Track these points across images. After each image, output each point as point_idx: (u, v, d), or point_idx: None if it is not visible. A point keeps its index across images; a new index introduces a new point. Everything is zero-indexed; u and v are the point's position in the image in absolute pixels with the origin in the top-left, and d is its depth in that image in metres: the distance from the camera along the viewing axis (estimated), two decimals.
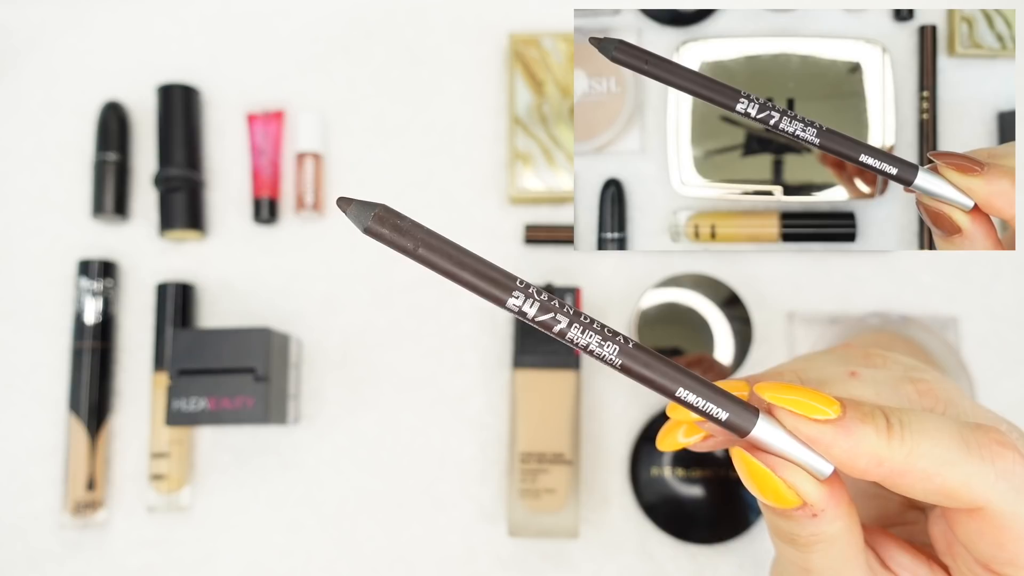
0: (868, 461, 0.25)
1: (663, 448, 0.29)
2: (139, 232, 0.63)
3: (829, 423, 0.25)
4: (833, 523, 0.25)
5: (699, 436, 0.28)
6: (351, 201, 0.23)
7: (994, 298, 0.60)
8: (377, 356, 0.60)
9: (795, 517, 0.25)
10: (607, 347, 0.24)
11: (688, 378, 0.25)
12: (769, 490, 0.25)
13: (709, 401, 0.25)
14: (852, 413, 0.25)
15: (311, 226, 0.62)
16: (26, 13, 0.66)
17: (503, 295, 0.24)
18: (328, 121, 0.63)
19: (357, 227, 0.23)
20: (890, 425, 0.25)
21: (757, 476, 0.25)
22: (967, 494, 0.24)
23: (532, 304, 0.24)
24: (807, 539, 0.26)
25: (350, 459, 0.59)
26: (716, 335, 0.54)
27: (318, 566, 0.58)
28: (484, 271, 0.24)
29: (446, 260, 0.23)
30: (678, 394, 0.25)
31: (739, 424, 0.25)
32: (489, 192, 0.62)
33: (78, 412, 0.58)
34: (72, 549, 0.58)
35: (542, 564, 0.57)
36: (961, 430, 0.25)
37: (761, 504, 0.26)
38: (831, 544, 0.26)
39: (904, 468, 0.24)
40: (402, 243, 0.23)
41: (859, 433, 0.24)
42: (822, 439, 0.25)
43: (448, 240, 0.23)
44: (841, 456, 0.25)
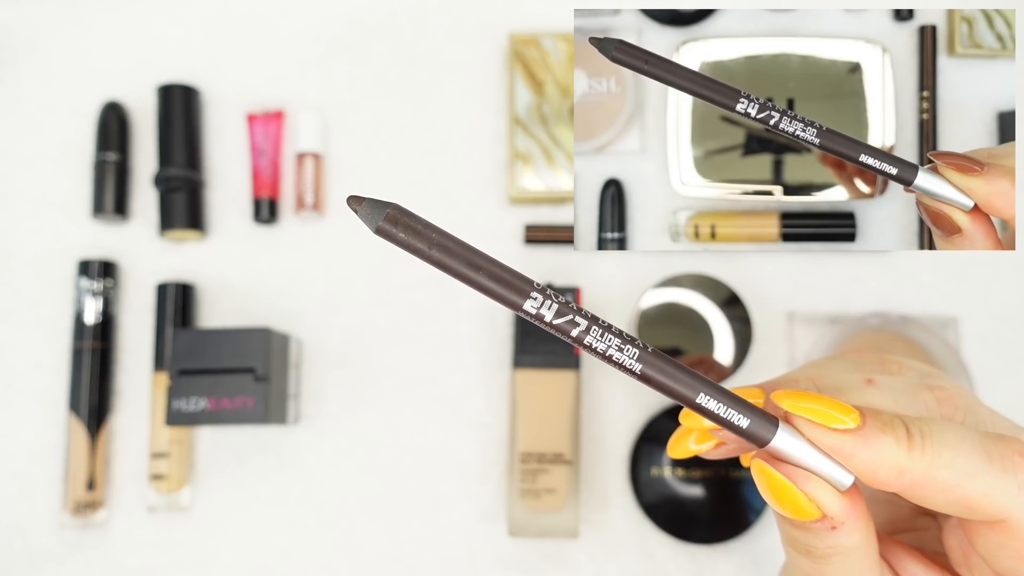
0: (888, 472, 0.24)
1: (675, 456, 0.28)
2: (139, 232, 0.63)
3: (849, 433, 0.24)
4: (851, 536, 0.25)
5: (711, 444, 0.28)
6: (363, 200, 0.22)
7: (994, 298, 0.60)
8: (377, 356, 0.60)
9: (813, 529, 0.25)
10: (627, 352, 0.24)
11: (707, 386, 0.24)
12: (788, 502, 0.25)
13: (731, 408, 0.24)
14: (872, 423, 0.24)
15: (311, 226, 0.62)
16: (26, 13, 0.66)
17: (519, 299, 0.23)
18: (328, 121, 0.63)
19: (368, 227, 0.22)
20: (911, 435, 0.24)
21: (777, 488, 0.25)
22: (989, 506, 0.24)
23: (550, 307, 0.23)
24: (824, 551, 0.25)
25: (350, 459, 0.59)
26: (716, 335, 0.54)
27: (318, 566, 0.58)
28: (500, 274, 0.23)
29: (460, 263, 0.22)
30: (699, 401, 0.24)
31: (759, 434, 0.25)
32: (489, 192, 0.62)
33: (78, 412, 0.58)
34: (72, 549, 0.58)
35: (542, 564, 0.57)
36: (983, 441, 0.24)
37: (777, 515, 0.26)
38: (847, 556, 0.25)
39: (925, 479, 0.24)
40: (415, 244, 0.22)
41: (879, 443, 0.24)
42: (842, 449, 0.24)
43: (463, 242, 0.23)
44: (861, 467, 0.24)
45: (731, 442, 0.27)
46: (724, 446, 0.28)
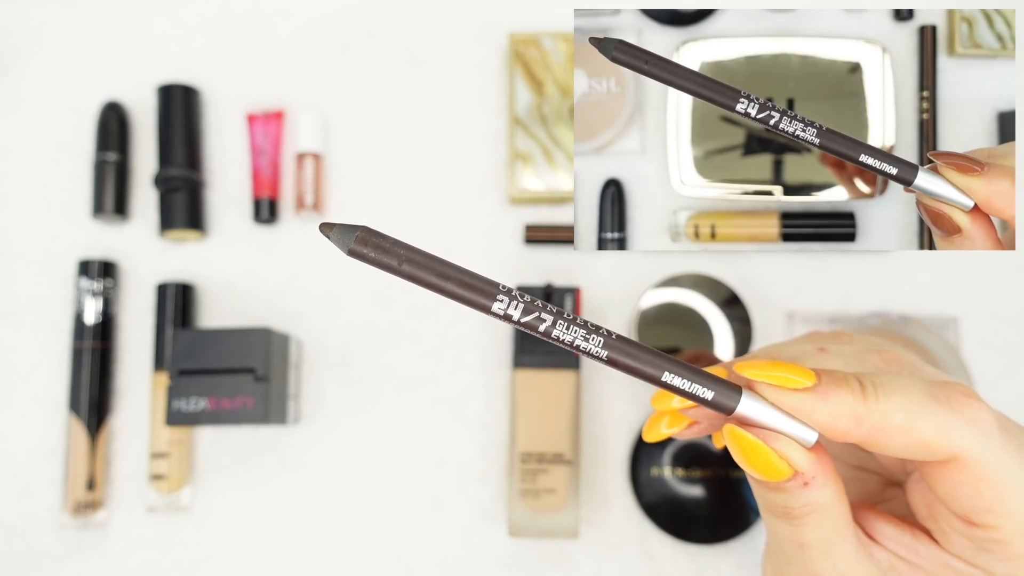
0: (848, 422, 0.26)
1: (649, 439, 0.30)
2: (139, 232, 0.63)
3: (807, 391, 0.26)
4: (823, 490, 0.27)
5: (682, 425, 0.29)
6: (333, 226, 0.24)
7: (994, 298, 0.60)
8: (377, 356, 0.60)
9: (787, 489, 0.27)
10: (592, 340, 0.25)
11: (672, 364, 0.26)
12: (760, 463, 0.26)
13: (694, 383, 0.26)
14: (827, 379, 0.26)
15: (311, 226, 0.62)
16: (26, 13, 0.66)
17: (487, 301, 0.24)
18: (328, 121, 0.63)
19: (341, 250, 0.24)
20: (863, 387, 0.26)
21: (748, 450, 0.26)
22: (943, 443, 0.26)
23: (516, 307, 0.25)
24: (801, 510, 0.27)
25: (350, 459, 0.59)
26: (716, 335, 0.54)
27: (318, 566, 0.58)
28: (467, 280, 0.24)
29: (429, 273, 0.24)
30: (664, 379, 0.26)
31: (724, 402, 0.26)
32: (489, 192, 0.62)
33: (78, 412, 0.58)
34: (72, 549, 0.58)
35: (542, 564, 0.57)
36: (929, 386, 0.26)
37: (753, 482, 0.28)
38: (823, 513, 0.27)
39: (882, 425, 0.26)
40: (386, 261, 0.24)
41: (836, 397, 0.26)
42: (803, 407, 0.26)
43: (430, 254, 0.24)
44: (823, 420, 0.26)
45: (702, 420, 0.29)
46: (696, 425, 0.29)
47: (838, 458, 0.34)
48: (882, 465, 0.33)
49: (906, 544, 0.29)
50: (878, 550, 0.29)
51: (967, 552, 0.27)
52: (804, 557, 0.28)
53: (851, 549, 0.28)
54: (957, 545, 0.28)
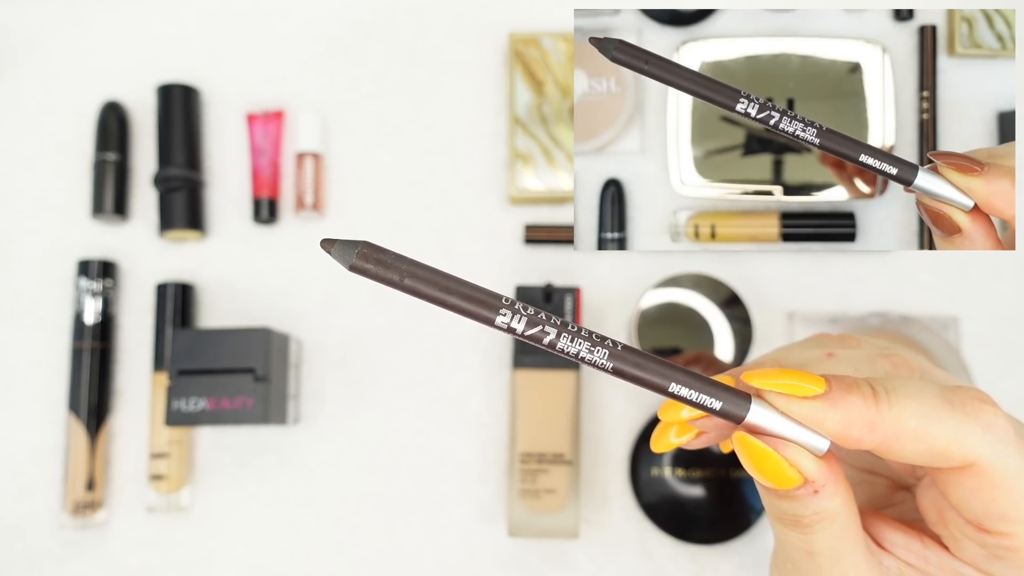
0: (861, 429, 0.25)
1: (657, 449, 0.29)
2: (139, 232, 0.63)
3: (818, 399, 0.25)
4: (833, 499, 0.26)
5: (691, 435, 0.29)
6: (335, 241, 0.24)
7: (994, 298, 0.60)
8: (377, 356, 0.60)
9: (798, 497, 0.26)
10: (597, 352, 0.25)
11: (679, 373, 0.25)
12: (770, 471, 0.26)
13: (702, 393, 0.26)
14: (838, 386, 0.26)
15: (311, 226, 0.62)
16: (26, 13, 0.66)
17: (491, 314, 0.24)
18: (328, 121, 0.63)
19: (342, 265, 0.24)
20: (875, 392, 0.25)
21: (759, 458, 0.26)
22: (958, 450, 0.25)
23: (520, 320, 0.24)
24: (810, 518, 0.26)
25: (350, 459, 0.59)
26: (716, 335, 0.54)
27: (318, 566, 0.58)
28: (470, 293, 0.24)
29: (432, 287, 0.24)
30: (671, 389, 0.25)
31: (734, 412, 0.26)
32: (489, 192, 0.62)
33: (78, 412, 0.58)
34: (72, 549, 0.58)
35: (542, 564, 0.57)
36: (942, 391, 0.26)
37: (762, 490, 0.27)
38: (833, 522, 0.26)
39: (896, 431, 0.25)
40: (388, 276, 0.24)
41: (847, 403, 0.25)
42: (814, 415, 0.25)
43: (432, 268, 0.24)
44: (835, 428, 0.25)
45: (710, 430, 0.28)
46: (704, 435, 0.29)
47: (845, 461, 0.34)
48: (891, 469, 0.33)
49: (915, 551, 0.28)
50: (887, 558, 0.28)
51: (978, 559, 0.27)
52: (813, 565, 0.28)
53: (861, 557, 0.28)
54: (968, 552, 0.27)
